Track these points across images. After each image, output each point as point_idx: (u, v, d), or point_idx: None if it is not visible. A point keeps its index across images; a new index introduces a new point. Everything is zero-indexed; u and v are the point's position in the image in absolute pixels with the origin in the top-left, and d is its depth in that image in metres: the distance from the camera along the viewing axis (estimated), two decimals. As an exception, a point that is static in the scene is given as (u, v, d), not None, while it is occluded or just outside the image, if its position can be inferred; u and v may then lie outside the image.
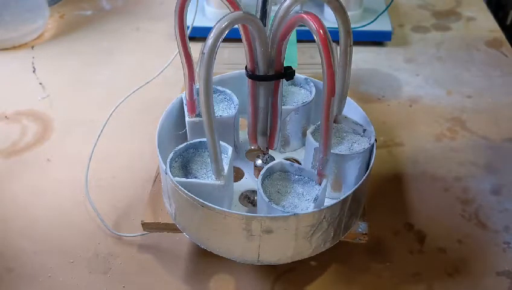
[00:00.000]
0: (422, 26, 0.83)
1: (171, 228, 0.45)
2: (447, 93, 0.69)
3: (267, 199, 0.40)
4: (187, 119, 0.46)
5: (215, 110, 0.44)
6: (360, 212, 0.45)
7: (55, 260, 0.48)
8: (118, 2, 0.90)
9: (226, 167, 0.41)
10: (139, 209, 0.52)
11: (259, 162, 0.46)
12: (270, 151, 0.47)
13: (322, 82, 0.36)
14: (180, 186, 0.40)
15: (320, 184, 0.41)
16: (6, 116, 0.65)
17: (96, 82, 0.71)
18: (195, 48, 0.46)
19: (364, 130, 0.45)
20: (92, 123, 0.64)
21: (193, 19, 0.66)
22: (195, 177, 0.41)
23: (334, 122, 0.45)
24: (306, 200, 0.41)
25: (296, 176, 0.42)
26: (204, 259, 0.48)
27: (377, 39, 0.78)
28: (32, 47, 0.78)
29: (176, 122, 0.48)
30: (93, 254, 0.49)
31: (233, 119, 0.47)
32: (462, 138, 0.62)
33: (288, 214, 0.38)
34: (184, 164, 0.43)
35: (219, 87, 0.49)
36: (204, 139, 0.42)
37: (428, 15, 0.86)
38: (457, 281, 0.47)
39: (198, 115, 0.46)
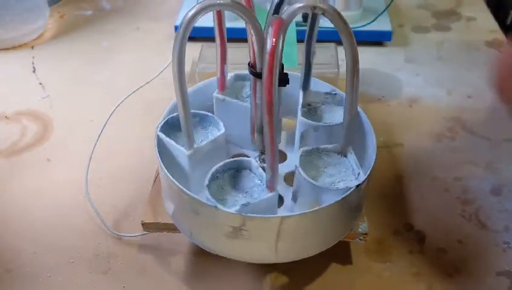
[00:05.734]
0: (422, 26, 0.83)
1: (171, 228, 0.45)
2: (447, 93, 0.69)
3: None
4: (214, 94, 0.49)
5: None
6: (360, 212, 0.45)
7: (55, 260, 0.48)
8: (118, 2, 0.90)
9: (205, 142, 0.44)
10: (139, 209, 0.52)
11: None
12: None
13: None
14: (164, 169, 0.41)
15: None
16: (6, 116, 0.65)
17: (96, 82, 0.71)
18: (195, 48, 0.46)
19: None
20: (92, 123, 0.64)
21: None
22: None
23: (341, 152, 0.44)
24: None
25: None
26: (204, 259, 0.48)
27: (377, 39, 0.78)
28: (32, 47, 0.78)
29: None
30: (93, 254, 0.49)
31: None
32: (462, 138, 0.62)
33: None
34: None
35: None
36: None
37: (428, 15, 0.86)
38: (457, 281, 0.47)
39: (226, 94, 0.49)
